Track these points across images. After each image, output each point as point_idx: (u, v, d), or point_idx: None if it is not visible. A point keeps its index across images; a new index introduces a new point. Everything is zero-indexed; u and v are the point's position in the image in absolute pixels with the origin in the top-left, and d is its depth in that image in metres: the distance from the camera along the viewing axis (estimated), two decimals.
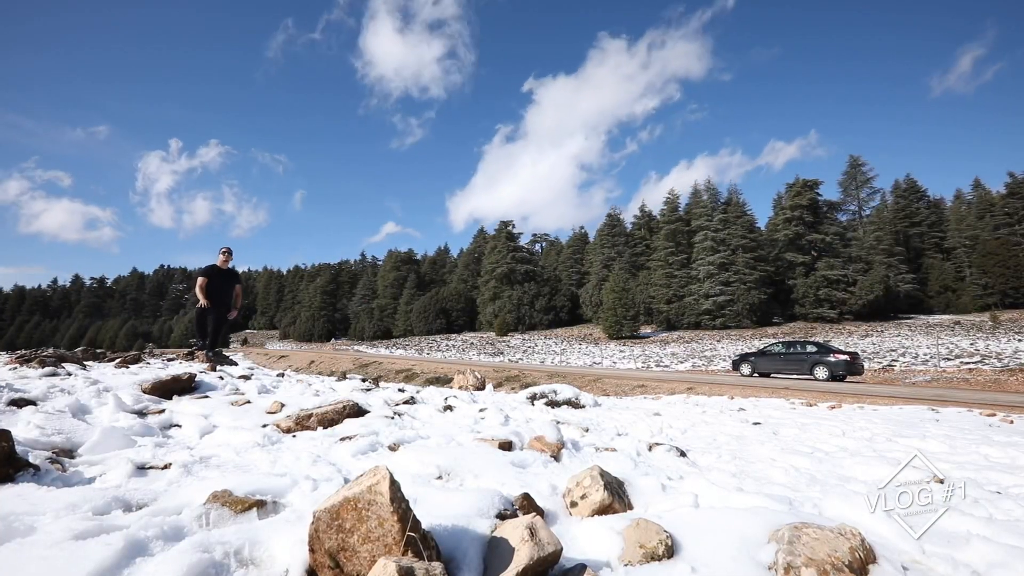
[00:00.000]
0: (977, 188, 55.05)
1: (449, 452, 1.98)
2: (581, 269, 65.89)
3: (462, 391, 5.03)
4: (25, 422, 1.96)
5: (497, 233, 65.72)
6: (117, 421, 2.23)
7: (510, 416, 3.23)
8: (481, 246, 75.58)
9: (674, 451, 2.55)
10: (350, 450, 2.03)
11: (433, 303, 66.64)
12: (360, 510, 0.94)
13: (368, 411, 2.86)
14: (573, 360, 33.17)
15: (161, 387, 2.98)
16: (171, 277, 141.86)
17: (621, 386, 17.18)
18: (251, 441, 2.11)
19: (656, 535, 1.14)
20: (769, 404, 7.75)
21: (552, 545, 1.01)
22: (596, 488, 1.47)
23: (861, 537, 1.13)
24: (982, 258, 44.52)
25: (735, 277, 43.59)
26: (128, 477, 1.57)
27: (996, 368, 19.22)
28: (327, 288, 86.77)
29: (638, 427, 3.76)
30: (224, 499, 1.27)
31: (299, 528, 1.07)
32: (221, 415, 2.54)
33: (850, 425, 4.54)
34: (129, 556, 0.96)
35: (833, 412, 6.52)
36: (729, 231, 45.80)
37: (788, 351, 18.49)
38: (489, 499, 1.28)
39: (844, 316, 41.36)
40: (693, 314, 45.47)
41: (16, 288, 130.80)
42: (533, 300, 58.40)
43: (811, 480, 2.11)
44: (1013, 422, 5.39)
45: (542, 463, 2.03)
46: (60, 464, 1.61)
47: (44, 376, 3.21)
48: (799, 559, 1.03)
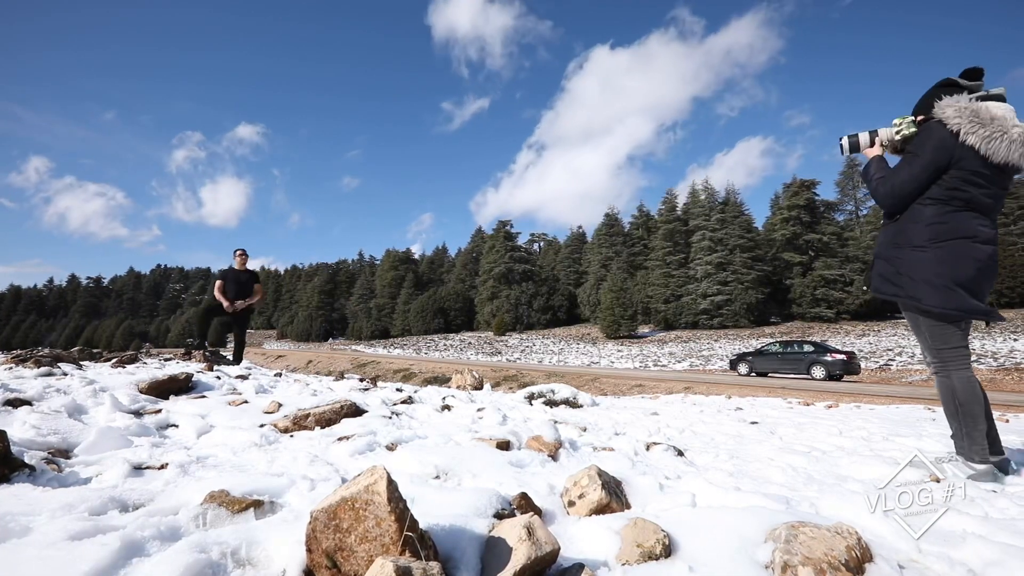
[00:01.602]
0: None
1: (447, 452, 1.98)
2: (579, 269, 65.95)
3: (460, 391, 5.03)
4: (21, 422, 1.95)
5: (495, 232, 65.73)
6: (113, 421, 2.22)
7: (508, 416, 3.23)
8: (479, 246, 75.57)
9: (672, 450, 2.55)
10: (348, 450, 2.03)
11: (431, 303, 66.62)
12: (357, 510, 0.94)
13: (366, 411, 2.86)
14: (571, 360, 33.20)
15: (158, 387, 2.97)
16: (168, 277, 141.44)
17: (619, 386, 17.21)
18: (248, 441, 2.11)
19: (654, 534, 1.14)
20: (766, 403, 7.78)
21: (550, 544, 1.01)
22: (594, 487, 1.47)
23: (858, 536, 1.14)
24: None
25: (733, 277, 43.70)
26: (124, 477, 1.56)
27: (991, 367, 19.32)
28: (325, 288, 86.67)
29: (636, 427, 3.77)
30: (221, 499, 1.27)
31: (296, 528, 1.07)
32: (218, 415, 2.54)
33: (847, 424, 4.55)
34: (125, 556, 0.96)
35: (830, 411, 6.54)
36: (727, 231, 45.90)
37: (785, 351, 18.58)
38: (487, 499, 1.28)
39: (841, 316, 41.49)
40: (691, 314, 45.56)
41: (12, 287, 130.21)
42: (531, 300, 58.46)
43: (808, 479, 2.12)
44: (1008, 421, 5.42)
45: (540, 463, 2.03)
46: (56, 464, 1.60)
47: (40, 376, 3.20)
48: (796, 558, 1.04)
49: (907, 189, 2.15)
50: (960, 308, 2.10)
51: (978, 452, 2.15)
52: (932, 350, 2.25)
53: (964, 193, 2.07)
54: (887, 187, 2.21)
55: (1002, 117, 2.00)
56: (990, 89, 2.13)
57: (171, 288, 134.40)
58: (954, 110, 2.06)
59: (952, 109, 2.07)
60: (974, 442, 2.15)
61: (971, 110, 2.03)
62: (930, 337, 2.24)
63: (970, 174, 2.05)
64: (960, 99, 2.08)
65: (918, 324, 2.27)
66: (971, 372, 2.19)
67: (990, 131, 1.98)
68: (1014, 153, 1.97)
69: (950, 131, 2.04)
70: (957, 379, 2.18)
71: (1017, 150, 1.97)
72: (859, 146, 2.41)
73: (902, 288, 2.24)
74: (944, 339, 2.20)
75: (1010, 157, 1.98)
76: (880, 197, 2.25)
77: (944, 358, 2.21)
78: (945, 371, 2.22)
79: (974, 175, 2.04)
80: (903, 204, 2.19)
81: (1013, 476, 2.14)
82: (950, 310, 2.11)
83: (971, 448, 2.16)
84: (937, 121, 2.10)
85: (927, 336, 2.25)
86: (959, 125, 2.03)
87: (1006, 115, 2.01)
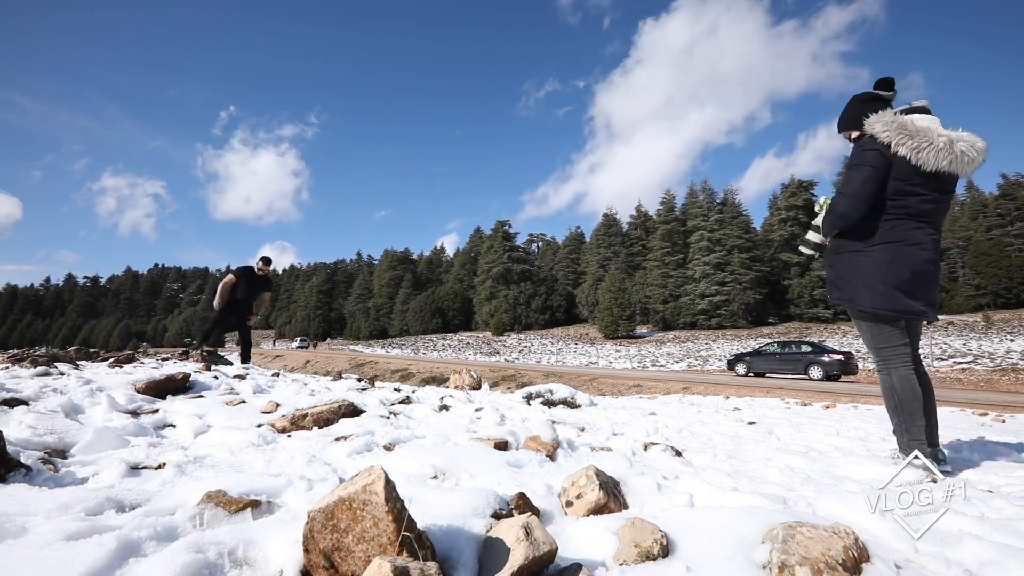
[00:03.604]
0: (970, 189, 55.48)
1: (445, 452, 1.98)
2: (577, 269, 65.98)
3: (458, 391, 5.03)
4: (17, 422, 1.95)
5: (493, 233, 65.76)
6: (110, 421, 2.21)
7: (506, 416, 3.23)
8: (477, 246, 75.54)
9: (669, 451, 2.56)
10: (345, 450, 2.02)
11: (429, 303, 66.58)
12: (355, 510, 0.93)
13: (364, 411, 2.85)
14: (569, 360, 33.21)
15: (155, 387, 2.96)
16: (165, 276, 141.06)
17: (617, 386, 17.22)
18: (246, 441, 2.10)
19: (651, 534, 1.14)
20: (764, 404, 7.79)
21: (547, 545, 1.01)
22: (591, 488, 1.47)
23: (855, 536, 1.14)
24: (975, 259, 44.86)
25: (731, 277, 43.77)
26: (121, 477, 1.56)
27: (988, 368, 19.39)
28: (323, 287, 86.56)
29: (634, 427, 3.77)
30: (218, 499, 1.27)
31: (294, 528, 1.07)
32: (216, 415, 2.53)
33: (844, 425, 4.56)
34: (122, 557, 0.95)
35: (828, 411, 6.56)
36: (725, 231, 45.97)
37: (783, 351, 18.60)
38: (485, 499, 1.28)
39: (839, 316, 41.59)
40: (689, 314, 45.62)
41: (8, 287, 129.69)
42: (529, 300, 58.45)
43: (806, 479, 2.12)
44: (1005, 421, 5.44)
45: (538, 463, 2.03)
46: (52, 464, 1.60)
47: (36, 376, 3.19)
48: (793, 558, 1.04)
49: (864, 190, 2.22)
50: (894, 309, 2.22)
51: (915, 445, 2.25)
52: (874, 349, 2.37)
53: (902, 201, 2.19)
54: (844, 199, 2.28)
55: (927, 128, 2.12)
56: (913, 102, 2.29)
57: (168, 288, 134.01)
58: (882, 125, 2.18)
59: (880, 124, 2.19)
60: (912, 436, 2.28)
61: (898, 123, 2.15)
62: (871, 337, 2.36)
63: (905, 183, 2.16)
64: (886, 114, 2.21)
65: (860, 325, 2.40)
66: (910, 370, 2.30)
67: (918, 142, 2.10)
68: (942, 161, 2.09)
69: (883, 144, 2.17)
70: (896, 377, 2.30)
71: (945, 157, 2.08)
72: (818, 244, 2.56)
73: (843, 291, 2.38)
74: (883, 339, 2.32)
75: (939, 164, 2.09)
76: (844, 210, 2.30)
77: (884, 356, 2.33)
78: (886, 369, 2.34)
79: (909, 184, 2.16)
80: (866, 205, 2.25)
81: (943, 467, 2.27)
82: (884, 311, 2.23)
83: (908, 442, 2.30)
84: (870, 136, 2.23)
85: (868, 336, 2.38)
86: (889, 138, 2.15)
87: (931, 126, 2.13)
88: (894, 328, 2.30)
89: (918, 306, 2.21)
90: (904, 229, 2.20)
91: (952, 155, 2.09)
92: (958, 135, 2.12)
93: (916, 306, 2.20)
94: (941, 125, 2.17)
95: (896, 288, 2.20)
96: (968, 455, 2.70)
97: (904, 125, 2.14)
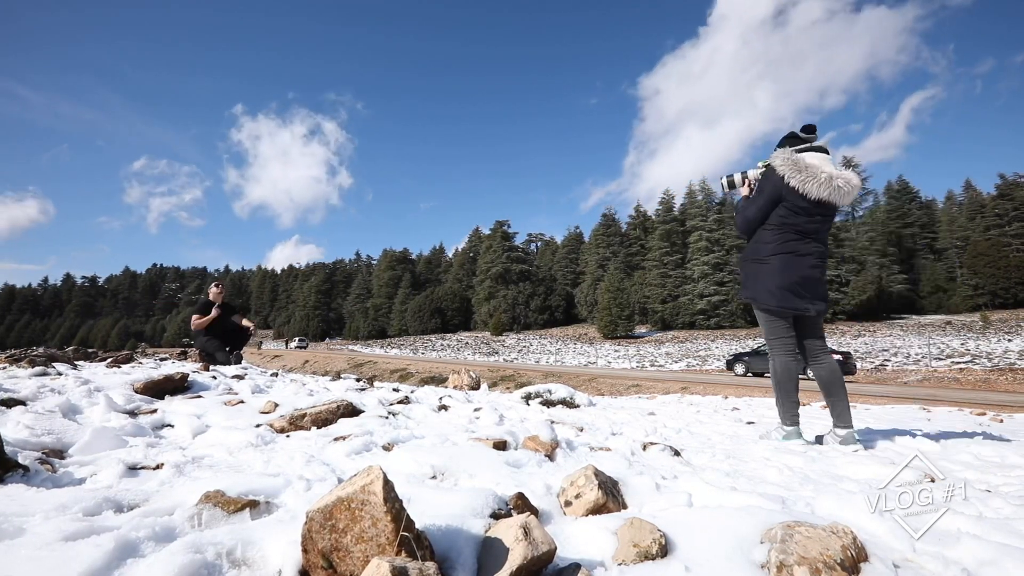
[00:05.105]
0: (968, 190, 55.64)
1: (444, 452, 1.97)
2: (576, 269, 65.99)
3: (457, 391, 5.02)
4: (14, 422, 1.94)
5: (492, 232, 65.71)
6: (108, 421, 2.21)
7: (505, 416, 3.23)
8: (476, 245, 75.50)
9: (668, 450, 2.56)
10: (344, 450, 2.02)
11: (428, 303, 66.54)
12: (353, 510, 0.93)
13: (362, 411, 2.85)
14: (568, 360, 33.22)
15: (153, 387, 2.96)
16: (164, 276, 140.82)
17: (616, 386, 17.23)
18: (244, 441, 2.10)
19: (650, 534, 1.14)
20: (763, 403, 7.80)
21: (546, 544, 1.01)
22: (590, 487, 1.47)
23: (853, 535, 1.14)
24: (973, 259, 44.98)
25: (730, 277, 43.80)
26: (119, 478, 1.55)
27: (986, 368, 19.44)
28: (322, 287, 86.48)
29: (632, 427, 3.77)
30: (217, 499, 1.26)
31: (292, 528, 1.07)
32: (214, 415, 2.52)
33: None
34: (120, 557, 0.95)
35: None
36: (724, 231, 45.99)
37: None
38: (483, 499, 1.28)
39: (837, 316, 41.66)
40: (688, 314, 45.66)
41: (6, 287, 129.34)
42: (528, 300, 58.45)
43: (804, 479, 2.13)
44: (1003, 421, 5.45)
45: (536, 463, 2.03)
46: (50, 465, 1.59)
47: (34, 376, 3.18)
48: (792, 557, 1.04)
49: (754, 219, 2.86)
50: (785, 306, 2.76)
51: (788, 418, 2.95)
52: (767, 339, 2.92)
53: (792, 220, 2.71)
54: (741, 219, 2.95)
55: (815, 165, 2.63)
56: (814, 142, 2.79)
57: (167, 288, 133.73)
58: (780, 160, 2.71)
59: (779, 159, 2.72)
60: (787, 410, 2.95)
61: (792, 160, 2.67)
62: (766, 330, 2.92)
63: (795, 208, 2.69)
64: (785, 151, 2.74)
65: (760, 318, 2.94)
66: (791, 358, 2.87)
67: (805, 176, 2.61)
68: (823, 191, 2.61)
69: (780, 176, 2.68)
70: (779, 362, 2.89)
71: (825, 189, 2.60)
72: (735, 184, 3.07)
73: (748, 291, 2.91)
74: (774, 331, 2.87)
75: (820, 194, 2.61)
76: (738, 226, 3.03)
77: (773, 345, 2.90)
78: (773, 355, 2.91)
79: (798, 209, 2.69)
80: (752, 229, 2.90)
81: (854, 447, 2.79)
82: (776, 307, 2.78)
83: (784, 414, 2.96)
84: (772, 167, 2.75)
85: (764, 328, 2.94)
86: (784, 171, 2.67)
87: (818, 163, 2.65)
88: (784, 322, 2.83)
89: (804, 304, 2.75)
90: (794, 243, 2.72)
91: (831, 187, 2.60)
92: (838, 173, 2.62)
93: (803, 304, 2.74)
94: (831, 162, 2.69)
95: (787, 290, 2.73)
96: (967, 455, 2.70)
97: (796, 162, 2.64)
